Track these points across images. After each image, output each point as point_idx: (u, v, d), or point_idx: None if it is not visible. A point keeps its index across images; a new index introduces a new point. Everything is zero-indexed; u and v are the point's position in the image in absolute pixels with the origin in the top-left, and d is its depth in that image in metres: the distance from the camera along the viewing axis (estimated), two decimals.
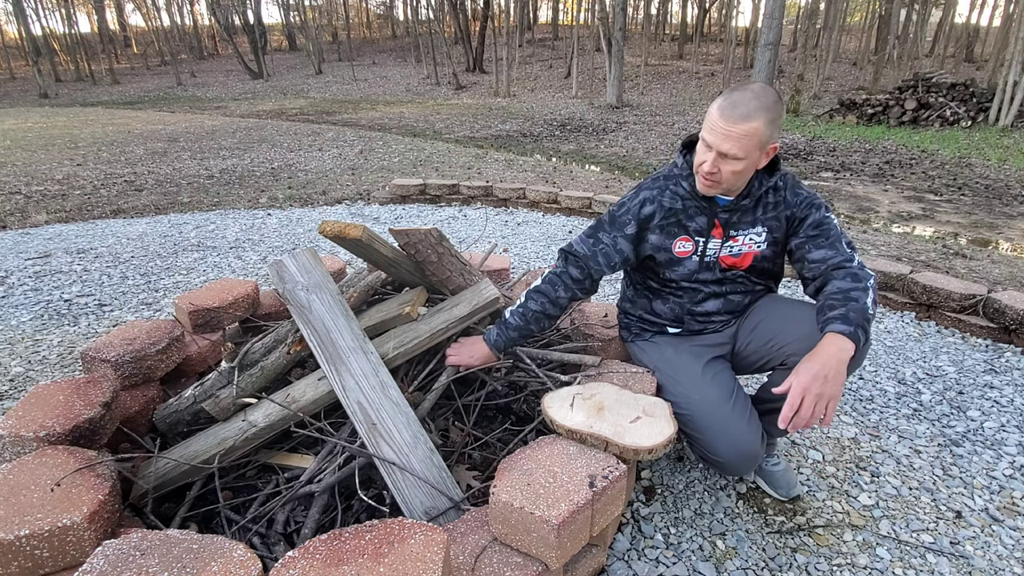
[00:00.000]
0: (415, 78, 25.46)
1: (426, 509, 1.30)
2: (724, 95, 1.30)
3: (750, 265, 1.50)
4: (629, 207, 1.50)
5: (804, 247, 1.42)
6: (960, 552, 1.45)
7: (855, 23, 34.21)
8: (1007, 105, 10.71)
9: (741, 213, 1.45)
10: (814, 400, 1.16)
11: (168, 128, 11.89)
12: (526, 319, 1.55)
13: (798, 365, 1.21)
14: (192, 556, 0.94)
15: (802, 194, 1.45)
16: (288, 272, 1.58)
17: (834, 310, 1.25)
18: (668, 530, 1.51)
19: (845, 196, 6.18)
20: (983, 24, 27.52)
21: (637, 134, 11.14)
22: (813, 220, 1.42)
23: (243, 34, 31.63)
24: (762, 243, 1.47)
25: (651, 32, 29.61)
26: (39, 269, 3.48)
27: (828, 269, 1.37)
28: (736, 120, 1.25)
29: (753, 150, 1.28)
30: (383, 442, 1.36)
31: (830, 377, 1.17)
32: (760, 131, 1.26)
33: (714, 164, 1.31)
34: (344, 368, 1.45)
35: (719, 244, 1.47)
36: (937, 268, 3.71)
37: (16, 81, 30.23)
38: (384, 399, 1.42)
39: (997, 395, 2.18)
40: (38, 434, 1.22)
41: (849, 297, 1.27)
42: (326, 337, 1.49)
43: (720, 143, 1.28)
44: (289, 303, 1.53)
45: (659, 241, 1.49)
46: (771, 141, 1.30)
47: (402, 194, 5.45)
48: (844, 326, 1.21)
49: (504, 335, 1.56)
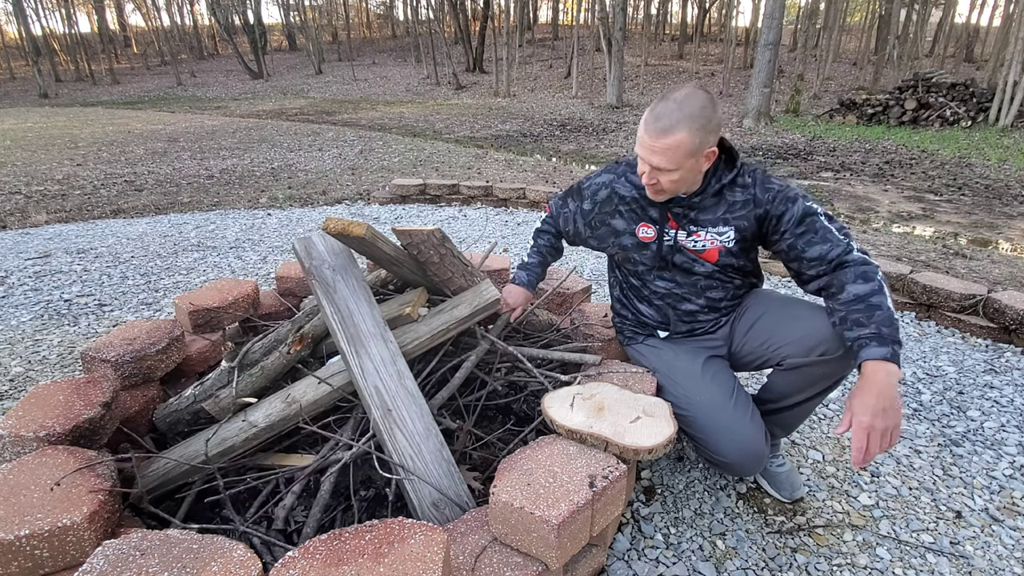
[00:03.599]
0: (415, 78, 25.46)
1: (434, 501, 1.30)
2: (651, 107, 1.29)
3: (718, 260, 1.46)
4: (591, 184, 1.59)
5: (796, 247, 1.35)
6: (960, 552, 1.45)
7: (855, 23, 34.19)
8: (1007, 105, 10.71)
9: (699, 211, 1.43)
10: (880, 436, 1.13)
11: (168, 128, 11.89)
12: (542, 254, 1.78)
13: (852, 400, 1.16)
14: (192, 556, 0.94)
15: (773, 188, 1.38)
16: (316, 249, 1.58)
17: (863, 327, 1.20)
18: (668, 530, 1.51)
19: (845, 196, 6.18)
20: (983, 24, 27.53)
21: (637, 134, 11.12)
22: (793, 216, 1.35)
23: (243, 34, 31.64)
24: (728, 242, 1.43)
25: (651, 32, 29.60)
26: (39, 269, 3.48)
27: (832, 266, 1.32)
28: (658, 134, 1.25)
29: (683, 160, 1.26)
30: (397, 429, 1.36)
31: (888, 409, 1.12)
32: (685, 142, 1.23)
33: (650, 176, 1.32)
34: (364, 351, 1.44)
35: (675, 232, 1.46)
36: (937, 268, 3.71)
37: (16, 81, 30.23)
38: (400, 387, 1.42)
39: (997, 395, 2.18)
40: (38, 434, 1.22)
41: (871, 304, 1.21)
42: (349, 319, 1.48)
43: (648, 157, 1.29)
44: (314, 279, 1.52)
45: (623, 225, 1.53)
46: (704, 147, 1.27)
47: (402, 194, 5.45)
48: (882, 348, 1.16)
49: (532, 273, 1.77)
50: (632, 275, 1.61)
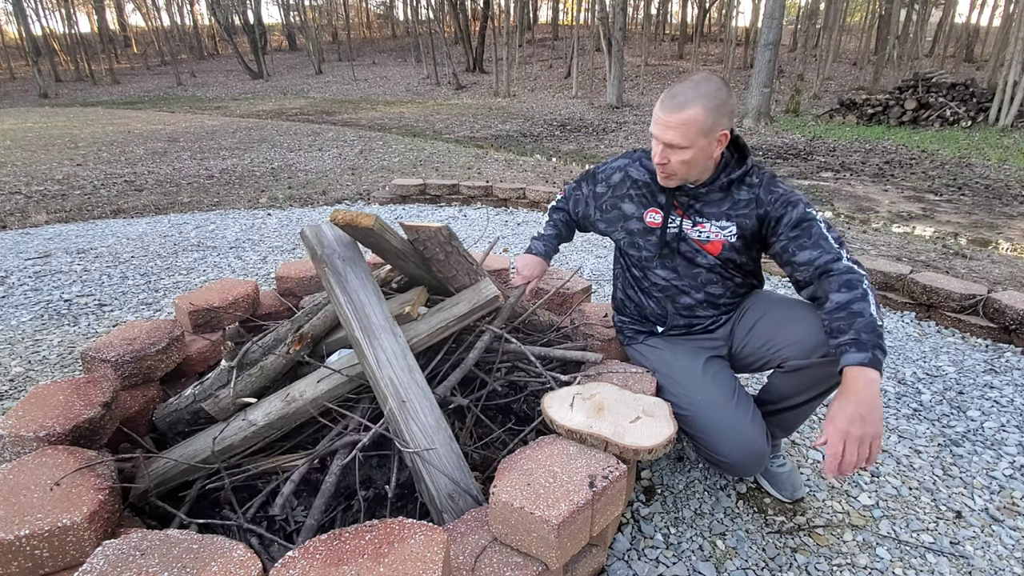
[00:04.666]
0: (415, 78, 25.46)
1: (449, 492, 1.30)
2: (667, 88, 1.35)
3: (720, 253, 1.46)
4: (606, 169, 1.64)
5: (788, 250, 1.36)
6: (960, 552, 1.45)
7: (855, 23, 34.20)
8: (1007, 105, 10.71)
9: (705, 203, 1.45)
10: (856, 443, 1.10)
11: (168, 128, 11.89)
12: (557, 227, 1.81)
13: (831, 407, 1.14)
14: (192, 556, 0.94)
15: (777, 191, 1.39)
16: (327, 238, 1.57)
17: (843, 334, 1.19)
18: (668, 530, 1.51)
19: (845, 196, 6.18)
20: (983, 24, 27.53)
21: (637, 134, 11.13)
22: (790, 219, 1.36)
23: (243, 34, 31.64)
24: (731, 236, 1.44)
25: (651, 32, 29.60)
26: (39, 269, 3.48)
27: (817, 273, 1.32)
28: (673, 110, 1.29)
29: (697, 137, 1.29)
30: (412, 421, 1.36)
31: (866, 416, 1.10)
32: (699, 118, 1.27)
33: (662, 155, 1.35)
34: (377, 343, 1.44)
35: (680, 220, 1.48)
36: (937, 268, 3.71)
37: (16, 81, 30.24)
38: (411, 381, 1.42)
39: (997, 395, 2.18)
40: (38, 434, 1.22)
41: (852, 312, 1.20)
42: (361, 309, 1.48)
43: (662, 134, 1.32)
44: (326, 267, 1.51)
45: (632, 210, 1.55)
46: (717, 128, 1.30)
47: (402, 194, 5.45)
48: (860, 354, 1.14)
49: (548, 243, 1.79)
50: (635, 265, 1.62)
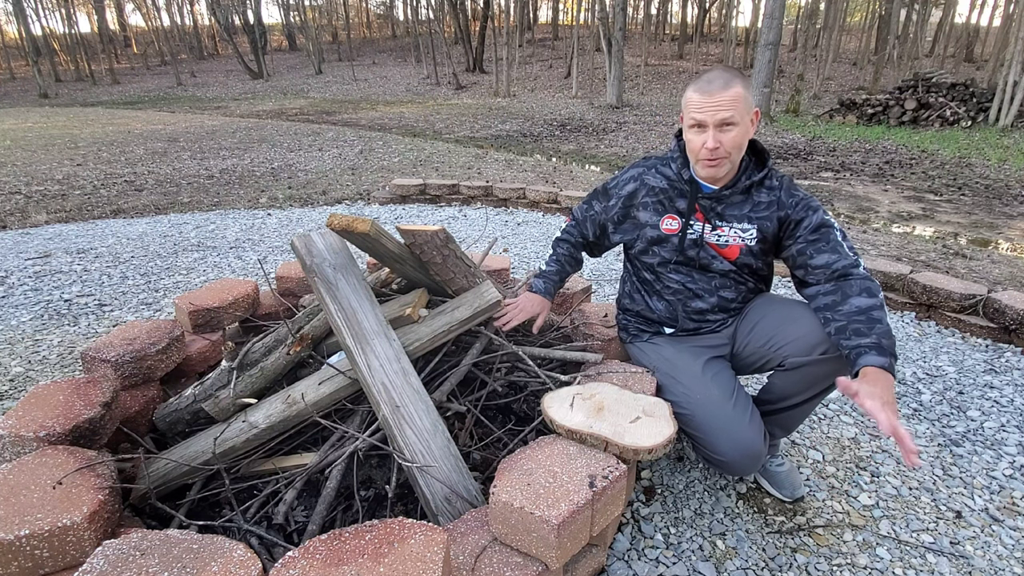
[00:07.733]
0: (415, 78, 25.46)
1: (446, 495, 1.30)
2: (693, 83, 1.38)
3: (737, 259, 1.49)
4: (618, 182, 1.62)
5: (806, 252, 1.40)
6: (960, 552, 1.45)
7: (855, 23, 34.21)
8: (1007, 105, 10.72)
9: (726, 205, 1.46)
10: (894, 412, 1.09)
11: (168, 128, 11.90)
12: (560, 263, 1.75)
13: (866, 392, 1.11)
14: (192, 556, 0.94)
15: (798, 195, 1.44)
16: (316, 247, 1.57)
17: (864, 337, 1.22)
18: (668, 530, 1.51)
19: (845, 196, 6.18)
20: (983, 24, 27.54)
21: (637, 134, 11.14)
22: (811, 223, 1.40)
23: (243, 34, 31.66)
24: (751, 240, 1.47)
25: (651, 32, 29.61)
26: (39, 269, 3.48)
27: (835, 275, 1.36)
28: (720, 89, 1.32)
29: (744, 113, 1.33)
30: (406, 425, 1.35)
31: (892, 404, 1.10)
32: (743, 94, 1.33)
33: (715, 139, 1.34)
34: (369, 349, 1.44)
35: (701, 226, 1.48)
36: (937, 268, 3.71)
37: (16, 81, 30.23)
38: (406, 385, 1.42)
39: (997, 395, 2.18)
40: (38, 434, 1.22)
41: (872, 318, 1.24)
42: (352, 316, 1.48)
43: (714, 115, 1.33)
44: (316, 277, 1.51)
45: (648, 218, 1.55)
46: (751, 106, 1.37)
47: (402, 194, 5.45)
48: (881, 358, 1.18)
49: (550, 281, 1.74)
50: (646, 269, 1.62)
